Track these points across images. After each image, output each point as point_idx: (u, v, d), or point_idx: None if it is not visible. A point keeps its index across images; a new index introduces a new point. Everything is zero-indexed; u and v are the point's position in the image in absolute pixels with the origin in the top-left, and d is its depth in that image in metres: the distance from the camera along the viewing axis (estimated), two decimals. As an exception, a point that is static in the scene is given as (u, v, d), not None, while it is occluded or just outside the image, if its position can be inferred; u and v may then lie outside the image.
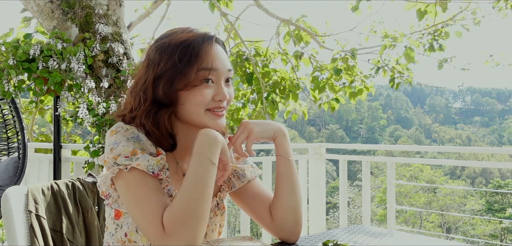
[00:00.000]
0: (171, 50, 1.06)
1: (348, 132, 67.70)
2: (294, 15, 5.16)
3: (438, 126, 76.68)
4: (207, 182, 0.99)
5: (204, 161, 1.00)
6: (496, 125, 77.26)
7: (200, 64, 1.05)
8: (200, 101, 1.06)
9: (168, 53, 1.06)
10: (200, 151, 1.01)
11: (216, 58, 1.08)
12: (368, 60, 5.19)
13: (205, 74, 1.05)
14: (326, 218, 4.53)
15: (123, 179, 1.01)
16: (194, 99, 1.05)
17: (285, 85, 5.17)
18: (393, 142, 61.45)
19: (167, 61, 1.05)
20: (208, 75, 1.06)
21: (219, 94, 1.07)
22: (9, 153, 3.55)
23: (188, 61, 1.04)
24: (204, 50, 1.06)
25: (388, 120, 71.48)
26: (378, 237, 1.36)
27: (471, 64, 5.17)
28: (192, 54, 1.05)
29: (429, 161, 4.60)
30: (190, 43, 1.06)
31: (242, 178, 1.23)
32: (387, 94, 77.50)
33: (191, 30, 1.10)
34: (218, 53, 1.09)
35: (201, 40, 1.07)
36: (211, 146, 1.02)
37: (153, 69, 1.06)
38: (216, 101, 1.08)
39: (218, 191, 1.21)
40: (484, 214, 28.32)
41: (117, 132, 1.05)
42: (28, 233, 1.21)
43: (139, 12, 5.47)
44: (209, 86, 1.06)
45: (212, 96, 1.07)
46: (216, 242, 1.09)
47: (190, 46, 1.05)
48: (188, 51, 1.05)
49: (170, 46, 1.06)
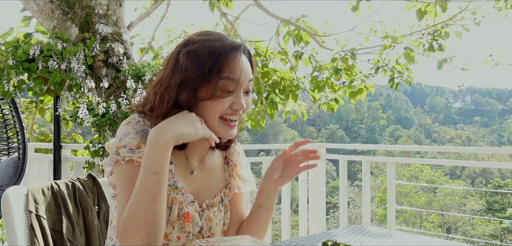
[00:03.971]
0: (201, 58, 1.05)
1: (348, 132, 67.69)
2: (294, 15, 5.16)
3: (438, 126, 76.68)
4: (148, 190, 0.98)
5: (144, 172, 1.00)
6: (496, 125, 77.25)
7: (224, 74, 1.05)
8: (217, 109, 1.07)
9: (197, 61, 1.05)
10: (143, 163, 1.01)
11: (241, 69, 1.08)
12: (368, 60, 5.19)
13: (228, 85, 1.06)
14: (326, 218, 4.52)
15: (120, 168, 1.06)
16: (213, 108, 1.07)
17: (285, 85, 5.17)
18: (393, 142, 61.44)
19: (195, 69, 1.05)
20: (229, 86, 1.06)
21: (236, 104, 1.08)
22: (9, 153, 3.55)
23: (215, 72, 1.05)
24: (230, 60, 1.06)
25: (388, 121, 71.47)
26: (378, 237, 1.36)
27: (471, 64, 5.16)
28: (219, 65, 1.05)
29: (429, 161, 4.61)
30: (219, 53, 1.06)
31: (248, 185, 1.28)
32: (387, 94, 77.50)
33: (219, 37, 1.10)
34: (243, 64, 1.09)
35: (229, 50, 1.07)
36: (151, 155, 1.00)
37: (180, 73, 1.06)
38: (233, 110, 1.09)
39: (224, 187, 1.24)
40: (484, 214, 28.31)
41: (129, 122, 1.08)
42: (28, 233, 1.21)
43: (138, 11, 5.48)
44: (229, 95, 1.07)
45: (230, 105, 1.08)
46: (216, 242, 1.09)
47: (218, 57, 1.05)
48: (217, 62, 1.05)
49: (200, 54, 1.06)
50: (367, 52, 5.21)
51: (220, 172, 1.24)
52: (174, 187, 1.11)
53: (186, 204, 1.12)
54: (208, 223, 1.16)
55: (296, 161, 1.24)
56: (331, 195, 29.06)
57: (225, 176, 1.25)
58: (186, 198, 1.14)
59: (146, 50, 5.54)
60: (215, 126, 1.09)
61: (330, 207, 25.91)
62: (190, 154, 1.16)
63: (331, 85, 5.24)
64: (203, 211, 1.17)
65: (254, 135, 47.16)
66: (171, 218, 1.09)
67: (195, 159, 1.18)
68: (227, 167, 1.26)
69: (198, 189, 1.17)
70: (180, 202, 1.11)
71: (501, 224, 24.56)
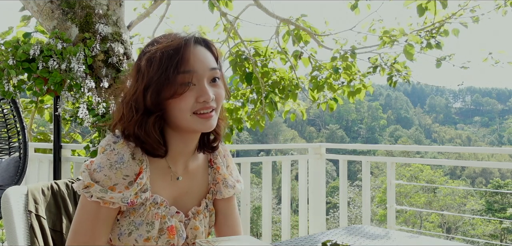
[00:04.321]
0: (157, 60, 1.05)
1: (348, 132, 67.68)
2: (293, 15, 5.16)
3: (438, 125, 76.68)
4: None
5: None
6: (496, 125, 77.24)
7: (180, 68, 1.04)
8: (183, 106, 1.05)
9: (154, 63, 1.05)
10: None
11: (195, 59, 1.06)
12: (368, 58, 5.19)
13: (185, 78, 1.04)
14: (326, 218, 4.52)
15: (85, 201, 1.06)
16: (179, 106, 1.05)
17: (284, 85, 5.17)
18: (393, 142, 61.43)
19: (153, 70, 1.04)
20: (188, 79, 1.04)
21: (202, 95, 1.05)
22: (10, 153, 3.55)
23: (173, 69, 1.03)
24: (183, 53, 1.05)
25: (388, 120, 71.45)
26: (377, 237, 1.36)
27: (470, 62, 5.14)
28: (174, 61, 1.04)
29: (429, 161, 4.60)
30: (173, 50, 1.05)
31: (230, 188, 1.24)
32: (387, 94, 77.49)
33: (173, 36, 1.09)
34: (198, 54, 1.07)
35: (181, 45, 1.06)
36: None
37: (142, 79, 1.06)
38: (200, 103, 1.06)
39: (207, 192, 1.23)
40: (484, 214, 28.31)
41: (105, 149, 1.07)
42: (28, 233, 1.21)
43: (138, 11, 5.48)
44: (191, 89, 1.05)
45: (196, 98, 1.06)
46: (216, 242, 1.10)
47: (173, 53, 1.04)
48: (172, 58, 1.04)
49: (157, 56, 1.05)
50: (366, 51, 5.21)
51: (203, 175, 1.23)
52: (154, 203, 1.10)
53: (169, 217, 1.11)
54: (193, 232, 1.16)
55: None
56: (331, 195, 29.06)
57: (208, 180, 1.23)
58: (169, 210, 1.12)
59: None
60: (190, 123, 1.07)
61: (330, 207, 25.91)
62: (173, 160, 1.15)
63: (330, 85, 5.24)
64: (189, 220, 1.16)
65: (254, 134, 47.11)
66: (152, 234, 1.08)
67: (180, 164, 1.16)
68: (211, 170, 1.24)
69: (180, 194, 1.17)
70: (163, 216, 1.10)
71: (501, 224, 24.56)
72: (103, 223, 1.05)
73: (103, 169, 1.05)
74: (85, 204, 1.05)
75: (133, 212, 1.08)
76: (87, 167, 1.07)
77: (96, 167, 1.06)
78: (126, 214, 1.09)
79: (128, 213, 1.09)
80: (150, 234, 1.08)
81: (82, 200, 1.06)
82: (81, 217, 1.05)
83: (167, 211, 1.12)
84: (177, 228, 1.12)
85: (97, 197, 1.03)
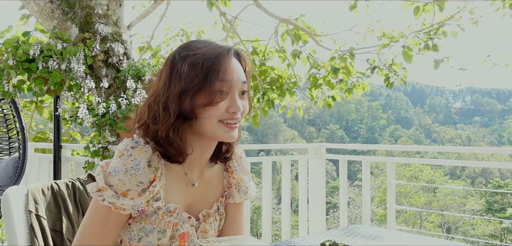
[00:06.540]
0: (199, 64, 1.06)
1: (348, 132, 67.67)
2: (292, 14, 5.16)
3: (438, 126, 76.67)
4: None
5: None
6: (496, 125, 77.24)
7: (218, 76, 1.06)
8: (213, 113, 1.07)
9: (194, 68, 1.06)
10: None
11: (232, 70, 1.09)
12: (367, 60, 5.19)
13: (222, 86, 1.06)
14: (326, 218, 4.53)
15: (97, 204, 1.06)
16: (209, 112, 1.07)
17: (282, 83, 5.18)
18: (393, 142, 61.45)
19: (194, 76, 1.06)
20: (222, 87, 1.07)
21: (232, 106, 1.08)
22: (10, 153, 3.56)
23: (211, 77, 1.05)
24: (223, 63, 1.07)
25: (388, 121, 71.45)
26: (377, 237, 1.36)
27: (469, 64, 5.14)
28: (214, 69, 1.06)
29: (429, 161, 4.59)
30: (214, 58, 1.07)
31: (242, 193, 1.25)
32: (387, 94, 77.50)
33: (213, 44, 1.11)
34: (234, 65, 1.10)
35: (221, 54, 1.08)
36: None
37: (179, 82, 1.07)
38: (230, 113, 1.09)
39: (220, 196, 1.24)
40: (484, 214, 28.32)
41: (122, 154, 1.07)
42: (28, 233, 1.21)
43: (136, 9, 5.48)
44: (223, 98, 1.07)
45: (226, 108, 1.08)
46: (216, 242, 1.10)
47: (213, 61, 1.07)
48: (212, 66, 1.06)
49: (197, 60, 1.07)
50: (365, 52, 5.21)
51: (218, 180, 1.25)
52: (167, 211, 1.10)
53: (181, 224, 1.12)
54: (204, 235, 1.17)
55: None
56: (331, 195, 29.07)
57: (223, 184, 1.25)
58: (181, 216, 1.14)
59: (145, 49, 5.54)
60: (215, 130, 1.09)
61: (330, 207, 25.92)
62: (190, 167, 1.16)
63: (328, 82, 5.24)
64: (200, 223, 1.17)
65: (254, 134, 47.10)
66: (162, 242, 1.09)
67: (196, 170, 1.18)
68: (226, 173, 1.26)
69: (195, 200, 1.18)
70: (175, 224, 1.11)
71: (501, 224, 24.56)
72: (112, 227, 1.06)
73: (118, 173, 1.05)
74: (97, 207, 1.06)
75: (144, 218, 1.09)
76: (103, 168, 1.08)
77: (112, 171, 1.06)
78: (138, 219, 1.09)
79: (140, 219, 1.09)
80: (161, 241, 1.09)
81: (94, 202, 1.07)
82: (92, 219, 1.06)
83: (179, 218, 1.12)
84: (189, 234, 1.13)
85: (109, 201, 1.04)
